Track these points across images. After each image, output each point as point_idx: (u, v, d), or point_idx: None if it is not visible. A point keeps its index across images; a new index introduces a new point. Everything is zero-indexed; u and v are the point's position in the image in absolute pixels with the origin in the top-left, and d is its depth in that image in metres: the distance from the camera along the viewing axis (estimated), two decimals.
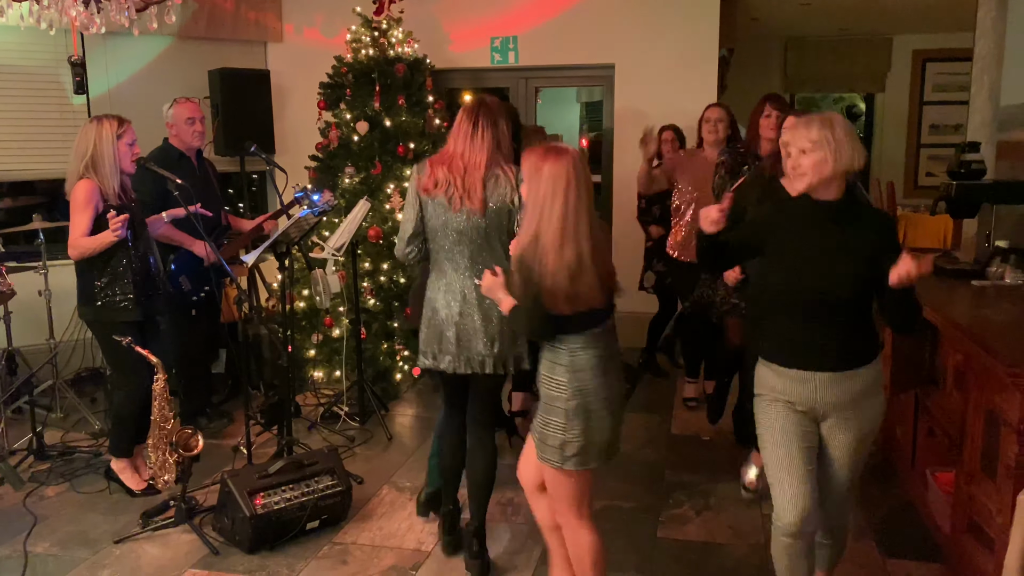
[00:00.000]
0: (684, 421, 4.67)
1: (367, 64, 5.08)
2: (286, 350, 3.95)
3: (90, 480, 3.87)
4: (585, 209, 2.32)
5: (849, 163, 2.28)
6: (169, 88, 5.50)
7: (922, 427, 3.59)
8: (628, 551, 3.24)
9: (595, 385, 2.37)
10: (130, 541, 3.35)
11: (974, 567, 2.79)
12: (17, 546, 3.29)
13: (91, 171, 3.51)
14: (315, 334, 5.00)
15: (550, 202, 2.30)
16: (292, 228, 3.70)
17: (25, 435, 4.18)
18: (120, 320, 3.58)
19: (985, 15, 4.60)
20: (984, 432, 2.76)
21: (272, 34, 6.36)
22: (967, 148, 3.88)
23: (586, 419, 2.37)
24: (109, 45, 5.38)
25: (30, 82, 5.21)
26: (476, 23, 6.16)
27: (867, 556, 3.18)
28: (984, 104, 4.55)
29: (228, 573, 3.11)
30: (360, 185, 5.01)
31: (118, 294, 3.58)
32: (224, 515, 3.31)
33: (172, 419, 3.58)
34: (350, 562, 3.19)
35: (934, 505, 3.26)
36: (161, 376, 3.56)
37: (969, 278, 3.62)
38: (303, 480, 3.36)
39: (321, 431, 4.49)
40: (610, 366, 2.43)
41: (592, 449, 2.41)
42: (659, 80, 5.91)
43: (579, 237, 2.29)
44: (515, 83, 6.33)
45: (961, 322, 2.98)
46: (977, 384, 2.81)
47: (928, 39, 8.42)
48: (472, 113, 2.88)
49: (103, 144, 3.51)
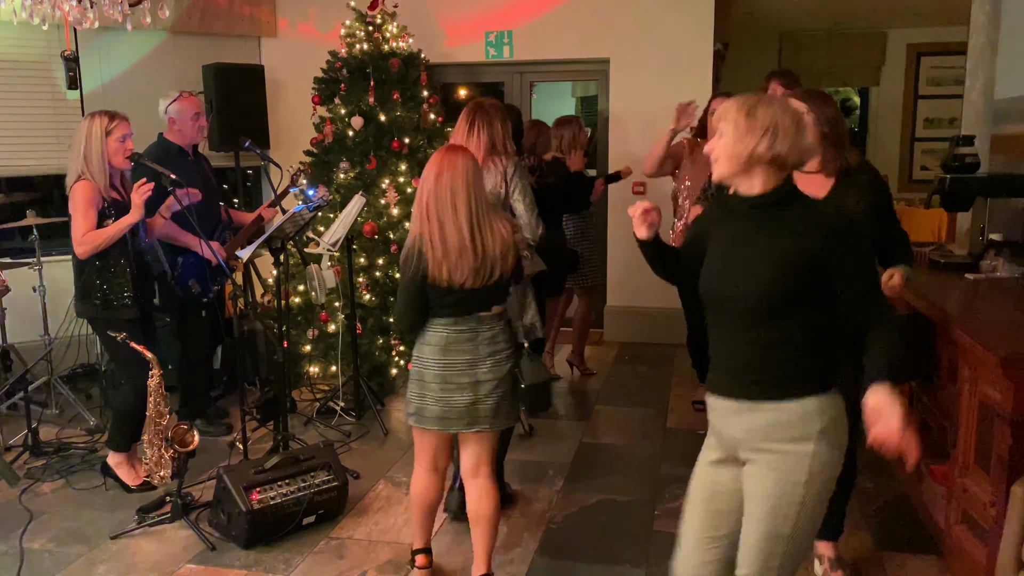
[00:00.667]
0: (679, 415, 4.68)
1: (362, 59, 5.07)
2: (282, 345, 3.95)
3: (86, 476, 3.87)
4: (456, 196, 2.58)
5: (770, 152, 1.88)
6: (163, 83, 5.48)
7: (916, 420, 3.60)
8: (623, 544, 3.25)
9: (431, 360, 2.69)
10: (126, 537, 3.34)
11: (969, 558, 2.80)
12: (13, 542, 3.28)
13: (86, 170, 3.50)
14: (311, 329, 5.00)
15: (421, 187, 2.65)
16: (287, 223, 3.69)
17: (20, 431, 4.18)
18: (119, 318, 3.57)
19: (979, 9, 4.60)
20: (978, 424, 2.77)
21: (266, 29, 6.35)
22: (961, 142, 3.88)
23: (420, 386, 2.72)
24: (102, 40, 5.36)
25: (23, 77, 5.20)
26: (471, 17, 6.16)
27: (862, 549, 3.19)
28: (978, 98, 4.56)
29: (224, 568, 3.12)
30: (355, 180, 5.00)
31: (116, 292, 3.58)
32: (220, 510, 3.31)
33: (168, 415, 3.58)
34: (347, 557, 3.20)
35: (928, 497, 3.28)
36: (156, 372, 3.55)
37: (963, 271, 3.63)
38: (299, 475, 3.37)
39: (317, 426, 4.49)
40: (456, 348, 2.68)
41: (426, 413, 2.72)
42: (654, 74, 5.91)
43: (443, 220, 2.57)
44: (510, 77, 6.32)
45: (955, 315, 2.99)
46: (971, 377, 2.82)
47: (922, 33, 8.43)
48: (469, 115, 3.36)
49: (92, 141, 3.49)
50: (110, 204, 3.56)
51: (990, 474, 2.65)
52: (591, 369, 5.50)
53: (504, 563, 3.13)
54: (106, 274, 3.57)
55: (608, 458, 4.07)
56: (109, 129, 3.51)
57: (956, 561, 2.93)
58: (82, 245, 3.50)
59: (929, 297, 3.22)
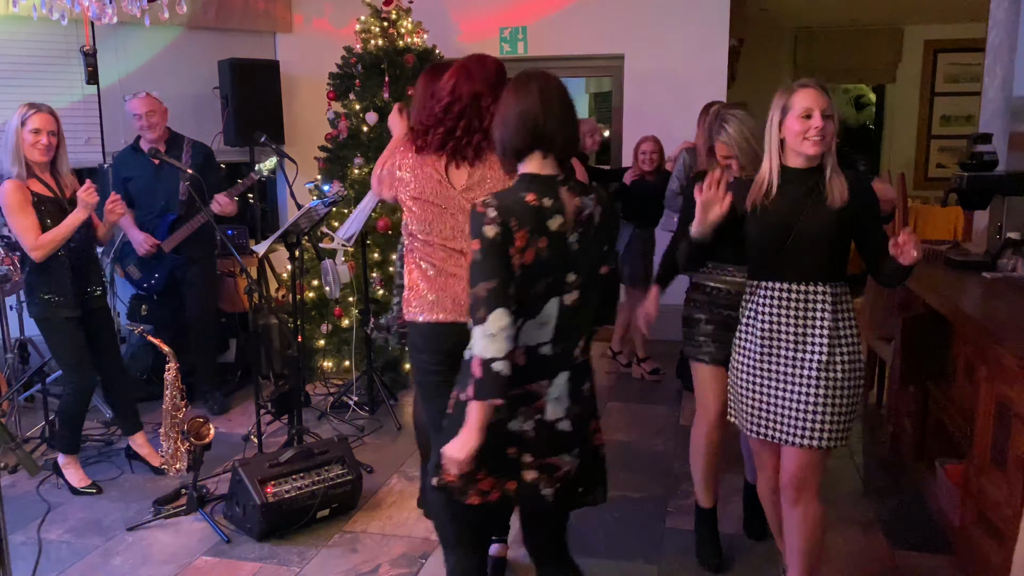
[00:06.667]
0: (692, 413, 4.66)
1: (376, 54, 5.08)
2: (296, 340, 3.97)
3: (102, 468, 3.90)
4: None
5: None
6: (178, 78, 5.53)
7: (931, 419, 3.59)
8: (637, 541, 3.25)
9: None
10: (142, 529, 3.38)
11: (983, 559, 2.79)
12: (31, 533, 3.32)
13: (7, 169, 3.42)
14: (324, 324, 5.02)
15: None
16: (302, 218, 3.71)
17: (38, 423, 4.23)
18: (60, 316, 3.54)
19: (998, 5, 4.56)
20: (994, 424, 2.75)
21: (281, 24, 6.36)
22: (979, 139, 3.85)
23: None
24: (119, 35, 5.38)
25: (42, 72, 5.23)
26: (485, 13, 6.16)
27: (875, 548, 3.18)
28: (996, 95, 4.52)
29: (239, 561, 3.14)
30: (369, 176, 5.01)
31: (56, 290, 3.53)
32: (235, 503, 3.34)
33: (184, 408, 3.61)
34: (360, 550, 3.21)
35: (943, 497, 3.26)
36: (173, 365, 3.59)
37: (980, 270, 3.60)
38: (313, 469, 3.39)
39: (331, 421, 4.51)
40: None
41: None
42: (669, 71, 5.89)
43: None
44: None
45: (972, 314, 2.97)
46: (988, 375, 2.80)
47: (940, 29, 8.37)
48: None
49: (8, 132, 3.43)
50: (39, 198, 3.46)
51: (1006, 474, 2.63)
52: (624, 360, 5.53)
53: (517, 558, 3.14)
54: (44, 274, 3.53)
55: (621, 455, 4.07)
56: (24, 119, 3.40)
57: (970, 561, 2.91)
58: (38, 250, 3.43)
59: (946, 296, 3.20)
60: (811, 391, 2.38)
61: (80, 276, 3.60)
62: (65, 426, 3.71)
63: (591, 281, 1.99)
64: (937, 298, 3.24)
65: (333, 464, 3.44)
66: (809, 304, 2.39)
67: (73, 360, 3.59)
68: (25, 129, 3.41)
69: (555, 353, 1.97)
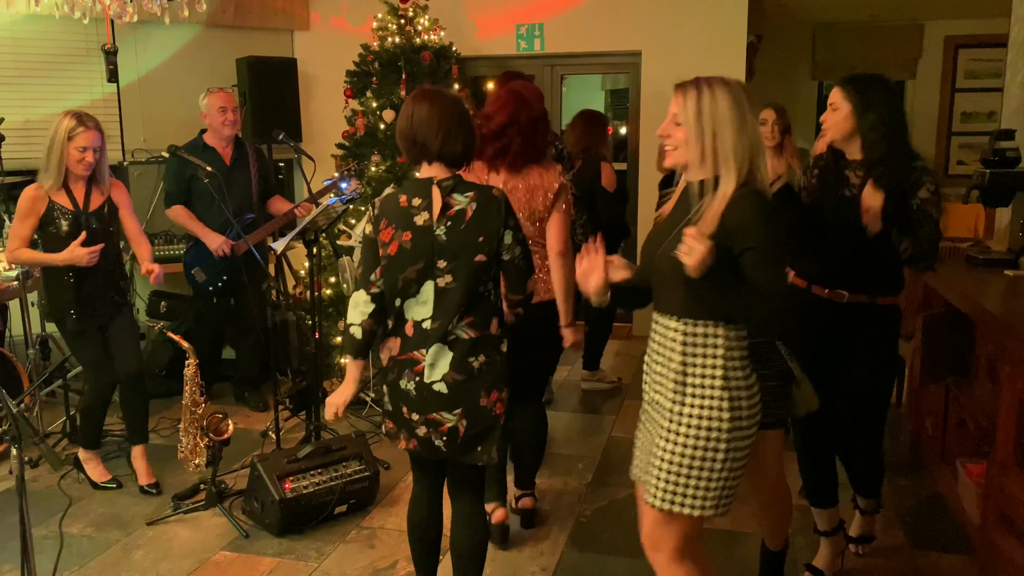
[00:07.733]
0: None
1: (393, 52, 5.08)
2: (314, 337, 3.98)
3: (121, 463, 3.93)
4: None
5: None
6: (197, 77, 5.55)
7: (952, 418, 3.55)
8: None
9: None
10: (162, 523, 3.41)
11: (1004, 559, 2.76)
12: (53, 527, 3.36)
13: (42, 169, 3.42)
14: (342, 321, 5.03)
15: None
16: (320, 216, 3.73)
17: (59, 418, 4.28)
18: (72, 323, 3.55)
19: (1020, 0, 4.51)
20: (1016, 423, 2.73)
21: (299, 22, 6.39)
22: (1001, 136, 3.81)
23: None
24: (138, 33, 5.42)
25: (62, 70, 5.27)
26: (502, 10, 6.15)
27: (896, 547, 3.16)
28: (1019, 91, 4.46)
29: (257, 556, 3.16)
30: (387, 173, 5.02)
31: (63, 304, 3.54)
32: (254, 499, 3.36)
33: (203, 403, 3.63)
34: (377, 546, 3.23)
35: (964, 496, 3.24)
36: (192, 361, 3.61)
37: (1002, 267, 3.57)
38: (331, 465, 3.40)
39: (348, 417, 4.52)
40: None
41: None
42: (686, 67, 5.74)
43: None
44: (540, 70, 6.30)
45: (994, 312, 2.94)
46: (1010, 374, 2.77)
47: (961, 25, 8.27)
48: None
49: (54, 142, 3.37)
50: (59, 210, 3.44)
51: None
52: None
53: (534, 555, 3.14)
54: (49, 288, 3.57)
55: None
56: (72, 135, 3.36)
57: (992, 562, 2.88)
58: (10, 258, 3.49)
59: (967, 294, 3.17)
60: (656, 439, 2.10)
61: (93, 289, 3.54)
62: (85, 422, 3.75)
63: (463, 267, 2.28)
64: (958, 296, 3.21)
65: (351, 460, 3.46)
66: (666, 341, 2.07)
67: (91, 360, 3.62)
68: (72, 145, 3.36)
69: (433, 328, 2.32)
